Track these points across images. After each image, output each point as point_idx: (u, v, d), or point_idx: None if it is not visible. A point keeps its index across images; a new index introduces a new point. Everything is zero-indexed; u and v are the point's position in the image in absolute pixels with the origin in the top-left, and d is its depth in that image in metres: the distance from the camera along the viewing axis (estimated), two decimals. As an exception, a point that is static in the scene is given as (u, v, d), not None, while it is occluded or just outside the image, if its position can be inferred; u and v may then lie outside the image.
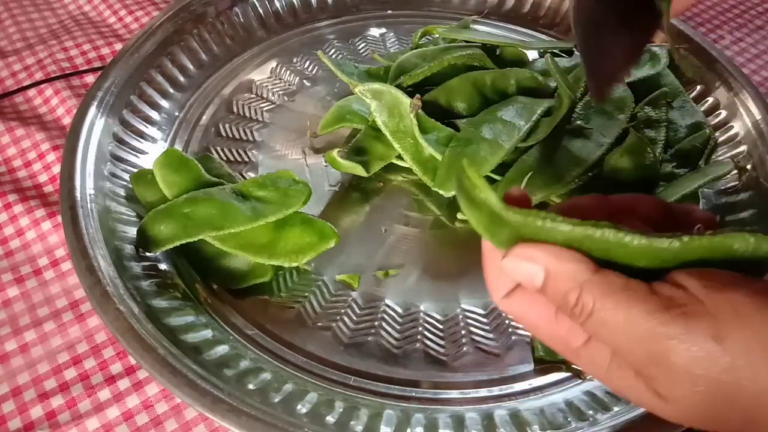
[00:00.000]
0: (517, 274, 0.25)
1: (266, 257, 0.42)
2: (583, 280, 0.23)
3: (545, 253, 0.24)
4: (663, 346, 0.22)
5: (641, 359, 0.23)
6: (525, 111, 0.48)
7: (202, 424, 0.40)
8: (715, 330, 0.22)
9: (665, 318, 0.22)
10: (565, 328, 0.25)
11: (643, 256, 0.23)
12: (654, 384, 0.23)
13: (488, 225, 0.25)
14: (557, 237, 0.24)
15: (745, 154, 0.50)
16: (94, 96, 0.49)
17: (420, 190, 0.50)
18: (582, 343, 0.25)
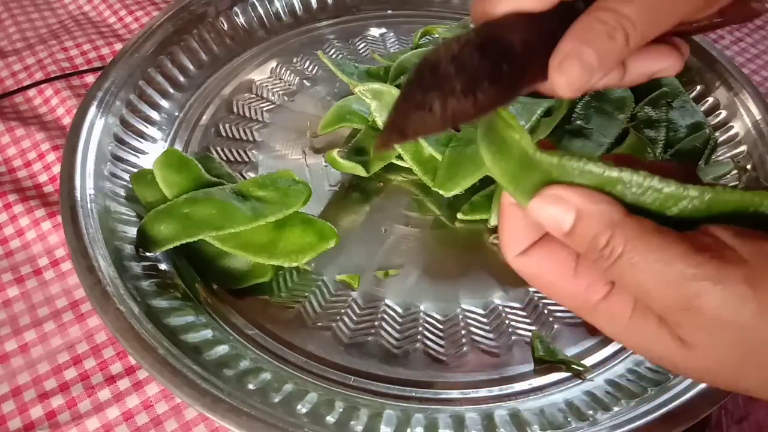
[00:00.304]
0: (544, 218, 0.24)
1: (266, 257, 0.42)
2: (616, 221, 0.23)
3: (577, 193, 0.23)
4: (694, 288, 0.22)
5: (669, 303, 0.22)
6: (525, 111, 0.48)
7: (202, 424, 0.40)
8: (749, 275, 0.22)
9: (698, 260, 0.22)
10: (585, 283, 0.25)
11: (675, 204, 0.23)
12: (679, 330, 0.23)
13: (515, 173, 0.24)
14: (590, 180, 0.23)
15: (745, 154, 0.50)
16: (94, 96, 0.49)
17: (420, 190, 0.50)
18: (602, 296, 0.25)
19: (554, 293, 0.26)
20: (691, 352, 0.23)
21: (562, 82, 0.24)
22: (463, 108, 0.23)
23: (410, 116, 0.22)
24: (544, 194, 0.24)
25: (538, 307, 0.43)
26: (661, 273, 0.22)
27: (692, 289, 0.22)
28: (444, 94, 0.23)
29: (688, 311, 0.22)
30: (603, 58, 0.24)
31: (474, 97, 0.23)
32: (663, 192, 0.23)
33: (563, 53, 0.24)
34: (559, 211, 0.24)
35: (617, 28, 0.24)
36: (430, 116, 0.22)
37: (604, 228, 0.23)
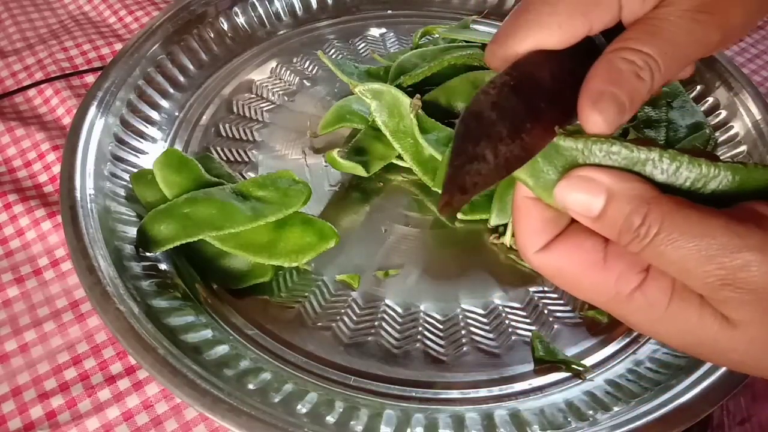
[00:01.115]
0: (573, 203, 0.23)
1: (266, 257, 0.42)
2: (650, 198, 0.22)
3: (607, 173, 0.23)
4: (741, 259, 0.21)
5: (712, 280, 0.21)
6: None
7: (202, 424, 0.40)
8: None
9: (743, 230, 0.21)
10: (617, 272, 0.24)
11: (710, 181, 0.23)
12: (724, 308, 0.22)
13: (534, 164, 0.24)
14: (618, 162, 0.23)
15: (745, 154, 0.50)
16: (94, 96, 0.49)
17: (420, 190, 0.50)
18: (637, 284, 0.23)
19: (582, 288, 0.25)
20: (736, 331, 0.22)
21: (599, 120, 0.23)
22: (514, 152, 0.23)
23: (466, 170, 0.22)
24: (572, 177, 0.23)
25: (538, 307, 0.43)
26: (704, 247, 0.21)
27: (738, 261, 0.21)
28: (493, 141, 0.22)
29: (735, 286, 0.21)
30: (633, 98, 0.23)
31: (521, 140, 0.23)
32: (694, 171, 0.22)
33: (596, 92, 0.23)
34: (588, 195, 0.23)
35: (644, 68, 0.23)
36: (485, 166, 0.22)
37: (638, 206, 0.22)
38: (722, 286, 0.21)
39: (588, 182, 0.23)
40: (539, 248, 0.25)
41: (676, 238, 0.21)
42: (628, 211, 0.22)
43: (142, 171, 0.47)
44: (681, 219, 0.22)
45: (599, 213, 0.23)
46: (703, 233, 0.21)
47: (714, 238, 0.21)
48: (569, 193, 0.23)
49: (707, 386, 0.36)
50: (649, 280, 0.23)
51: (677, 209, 0.22)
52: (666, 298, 0.23)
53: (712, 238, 0.21)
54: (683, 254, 0.21)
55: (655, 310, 0.24)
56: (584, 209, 0.23)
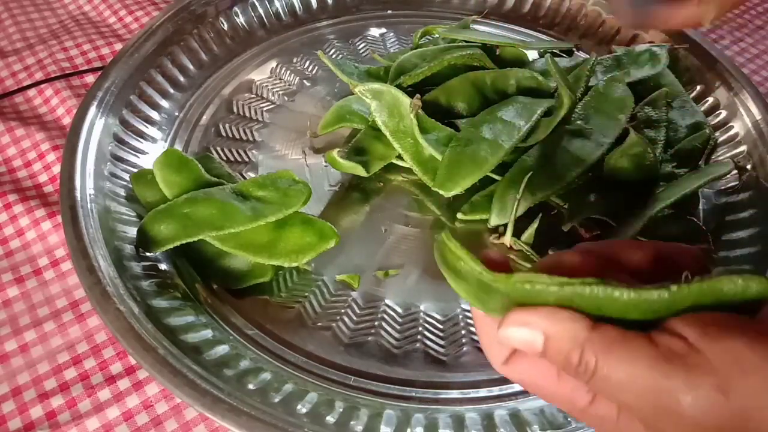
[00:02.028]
0: (516, 343, 0.24)
1: (266, 257, 0.42)
2: (583, 338, 0.23)
3: (540, 316, 0.24)
4: (668, 398, 0.22)
5: (648, 413, 0.23)
6: (525, 111, 0.48)
7: (202, 424, 0.40)
8: (719, 381, 0.22)
9: (667, 370, 0.22)
10: (569, 387, 0.25)
11: (635, 309, 0.23)
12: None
13: (478, 294, 0.25)
14: (549, 298, 0.24)
15: (745, 154, 0.50)
16: (94, 96, 0.49)
17: (420, 190, 0.50)
18: (588, 401, 0.25)
19: (544, 396, 0.27)
20: None
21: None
22: None
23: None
24: (510, 320, 0.24)
25: (538, 307, 0.43)
26: (634, 385, 0.22)
27: (667, 399, 0.22)
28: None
29: (668, 420, 0.22)
30: None
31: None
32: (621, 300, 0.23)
33: None
34: (529, 334, 0.24)
35: None
36: None
37: (574, 346, 0.23)
38: (658, 419, 0.23)
39: (525, 324, 0.24)
40: (503, 360, 0.26)
41: (611, 377, 0.23)
42: (566, 351, 0.23)
43: (142, 171, 0.47)
44: (612, 360, 0.23)
45: (542, 351, 0.24)
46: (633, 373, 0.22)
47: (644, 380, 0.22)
48: (511, 335, 0.24)
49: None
50: (598, 399, 0.25)
51: (608, 348, 0.23)
52: (614, 415, 0.25)
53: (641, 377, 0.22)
54: (618, 390, 0.23)
55: (606, 426, 0.25)
56: (528, 348, 0.24)
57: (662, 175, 0.48)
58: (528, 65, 0.55)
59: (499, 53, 0.56)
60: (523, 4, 0.65)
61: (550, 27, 0.64)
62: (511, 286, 0.24)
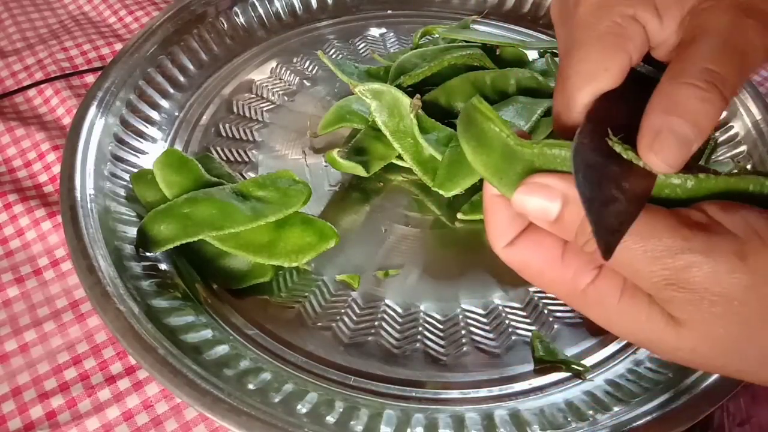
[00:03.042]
0: (530, 208, 0.24)
1: (266, 257, 0.42)
2: None
3: (563, 179, 0.23)
4: (684, 261, 0.21)
5: (658, 279, 0.22)
6: (525, 111, 0.48)
7: (202, 424, 0.40)
8: (739, 248, 0.21)
9: (687, 233, 0.22)
10: (573, 268, 0.25)
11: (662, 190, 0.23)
12: (669, 307, 0.23)
13: (498, 165, 0.24)
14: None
15: (745, 154, 0.50)
16: (94, 96, 0.49)
17: (420, 190, 0.50)
18: (590, 280, 0.24)
19: (543, 281, 0.26)
20: (682, 329, 0.23)
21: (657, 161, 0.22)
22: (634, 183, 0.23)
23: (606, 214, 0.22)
24: (529, 183, 0.24)
25: (538, 307, 0.43)
26: (650, 248, 0.22)
27: (681, 262, 0.21)
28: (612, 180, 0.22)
29: (678, 286, 0.22)
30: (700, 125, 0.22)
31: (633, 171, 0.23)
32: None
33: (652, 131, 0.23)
34: (545, 200, 0.23)
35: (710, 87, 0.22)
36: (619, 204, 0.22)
37: None
38: (667, 286, 0.22)
39: (544, 188, 0.23)
40: (506, 243, 0.26)
41: (625, 239, 0.22)
42: (583, 214, 0.23)
43: (142, 171, 0.47)
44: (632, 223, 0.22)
45: (556, 217, 0.24)
46: (650, 235, 0.22)
47: (660, 240, 0.22)
48: (527, 199, 0.24)
49: (707, 386, 0.36)
50: (602, 277, 0.24)
51: None
52: (617, 295, 0.24)
53: (658, 239, 0.22)
54: (631, 255, 0.22)
55: (607, 306, 0.24)
56: (542, 214, 0.24)
57: (662, 175, 0.48)
58: (528, 65, 0.55)
59: (499, 53, 0.56)
60: (523, 4, 0.65)
61: (550, 27, 0.63)
62: (538, 150, 0.23)
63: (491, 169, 0.25)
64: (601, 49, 0.25)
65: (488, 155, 0.25)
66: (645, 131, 0.23)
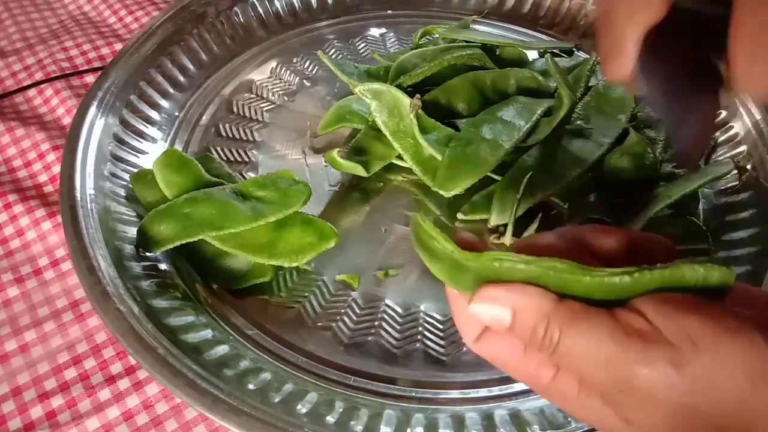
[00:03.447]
0: (485, 318, 0.25)
1: (266, 257, 0.42)
2: (548, 311, 0.24)
3: (509, 291, 0.25)
4: (625, 370, 0.23)
5: (606, 385, 0.23)
6: (525, 111, 0.48)
7: (202, 424, 0.40)
8: (673, 356, 0.22)
9: (625, 343, 0.23)
10: (534, 364, 0.26)
11: (598, 290, 0.24)
12: (620, 410, 0.24)
13: (450, 273, 0.26)
14: (517, 275, 0.25)
15: (745, 154, 0.50)
16: (94, 96, 0.49)
17: (420, 190, 0.50)
18: (551, 377, 0.26)
19: (511, 372, 0.27)
20: (635, 429, 0.24)
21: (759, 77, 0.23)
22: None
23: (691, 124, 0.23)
24: (480, 296, 0.25)
25: (538, 307, 0.43)
26: (594, 357, 0.23)
27: (624, 371, 0.23)
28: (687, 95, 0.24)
29: (625, 392, 0.23)
30: None
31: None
32: (584, 282, 0.24)
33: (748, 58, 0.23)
34: (497, 310, 0.25)
35: None
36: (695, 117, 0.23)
37: (540, 319, 0.24)
38: (616, 391, 0.23)
39: (494, 300, 0.25)
40: (474, 338, 0.27)
41: (572, 346, 0.24)
42: (533, 324, 0.24)
43: (142, 171, 0.47)
44: (574, 330, 0.24)
45: (510, 326, 0.25)
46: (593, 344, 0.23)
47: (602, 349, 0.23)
48: (481, 310, 0.25)
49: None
50: (560, 374, 0.26)
51: (571, 320, 0.24)
52: (575, 391, 0.25)
53: (600, 348, 0.23)
54: (579, 361, 0.24)
55: (568, 400, 0.26)
56: (497, 323, 0.25)
57: (662, 175, 0.48)
58: (528, 65, 0.55)
59: (499, 53, 0.56)
60: (523, 4, 0.65)
61: (550, 27, 0.64)
62: (481, 264, 0.25)
63: (446, 276, 0.26)
64: None
65: (441, 265, 0.26)
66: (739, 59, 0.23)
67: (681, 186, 0.46)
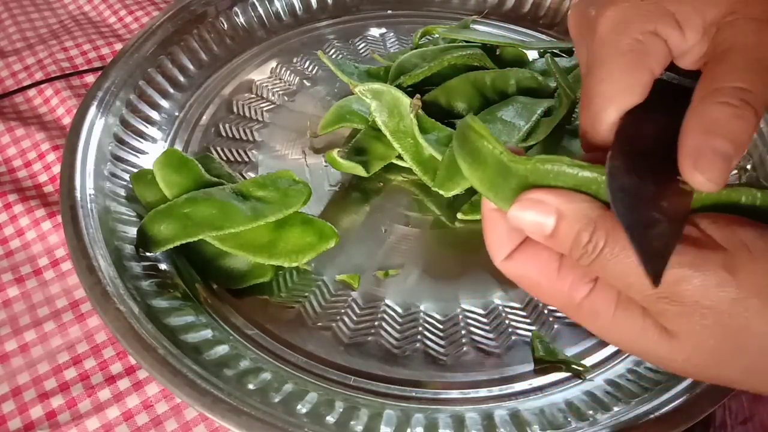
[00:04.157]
0: (526, 223, 0.24)
1: (266, 257, 0.42)
2: (595, 217, 0.23)
3: (556, 194, 0.24)
4: (675, 275, 0.22)
5: (651, 292, 0.23)
6: (525, 111, 0.48)
7: (202, 424, 0.40)
8: (728, 261, 0.22)
9: (678, 246, 0.22)
10: (569, 281, 0.25)
11: None
12: (662, 319, 0.23)
13: (493, 180, 0.25)
14: (566, 182, 0.24)
15: (745, 154, 0.50)
16: (94, 96, 0.49)
17: (420, 190, 0.50)
18: (586, 293, 0.25)
19: (541, 293, 0.27)
20: (674, 341, 0.23)
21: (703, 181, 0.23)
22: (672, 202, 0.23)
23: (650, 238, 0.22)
24: (523, 199, 0.24)
25: (538, 306, 0.43)
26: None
27: (672, 275, 0.22)
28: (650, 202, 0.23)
29: (669, 299, 0.22)
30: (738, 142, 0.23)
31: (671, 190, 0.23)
32: None
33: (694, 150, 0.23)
34: (540, 215, 0.24)
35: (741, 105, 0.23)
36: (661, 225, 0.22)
37: (585, 224, 0.23)
38: (659, 299, 0.23)
39: (538, 204, 0.24)
40: (505, 256, 0.27)
41: (618, 252, 0.23)
42: (577, 229, 0.23)
43: (142, 171, 0.47)
44: (623, 235, 0.23)
45: (551, 232, 0.24)
46: None
47: None
48: (522, 215, 0.25)
49: (707, 386, 0.36)
50: (597, 290, 0.25)
51: (620, 226, 0.23)
52: (611, 308, 0.25)
53: None
54: (624, 269, 0.23)
55: (602, 318, 0.25)
56: (537, 229, 0.24)
57: (662, 175, 0.48)
58: (528, 65, 0.55)
59: (499, 53, 0.56)
60: (523, 4, 0.65)
61: (550, 27, 0.64)
62: (531, 166, 0.24)
63: (487, 184, 0.25)
64: (624, 68, 0.25)
65: (483, 171, 0.25)
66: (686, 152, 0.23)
67: (681, 186, 0.46)
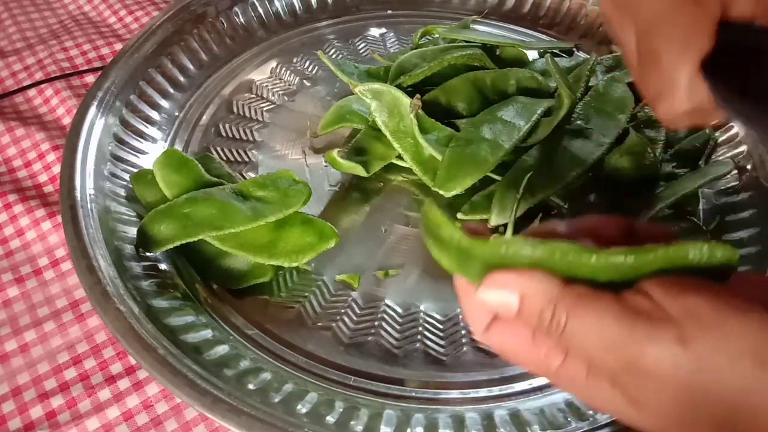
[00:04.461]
0: (494, 303, 0.25)
1: (266, 257, 0.42)
2: (555, 294, 0.24)
3: (515, 276, 0.25)
4: (632, 351, 0.23)
5: (614, 367, 0.24)
6: (525, 111, 0.48)
7: (202, 424, 0.40)
8: (679, 334, 0.22)
9: (631, 323, 0.23)
10: (544, 350, 0.26)
11: (603, 271, 0.24)
12: (628, 391, 0.24)
13: (458, 261, 0.26)
14: (523, 260, 0.25)
15: (745, 154, 0.50)
16: (94, 96, 0.49)
17: (420, 190, 0.50)
18: (560, 362, 0.26)
19: (520, 362, 0.27)
20: (642, 410, 0.24)
21: None
22: None
23: None
24: (487, 282, 0.25)
25: (538, 307, 0.43)
26: (601, 339, 0.23)
27: (631, 351, 0.23)
28: None
29: (632, 373, 0.23)
30: None
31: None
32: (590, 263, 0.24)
33: None
34: (505, 296, 0.25)
35: None
36: None
37: (547, 303, 0.24)
38: (623, 372, 0.23)
39: (502, 285, 0.25)
40: (483, 328, 0.27)
41: (578, 329, 0.24)
42: (540, 309, 0.24)
43: (142, 171, 0.47)
44: (581, 312, 0.24)
45: (517, 312, 0.25)
46: (600, 326, 0.23)
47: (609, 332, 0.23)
48: (488, 297, 0.26)
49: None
50: (569, 359, 0.26)
51: (578, 303, 0.24)
52: (583, 375, 0.25)
53: (606, 329, 0.23)
54: (586, 344, 0.24)
55: (576, 385, 0.26)
56: (504, 309, 0.25)
57: (662, 175, 0.48)
58: (528, 65, 0.55)
59: (499, 53, 0.56)
60: (523, 4, 0.65)
61: (550, 27, 0.64)
62: (487, 250, 0.25)
63: (454, 264, 0.26)
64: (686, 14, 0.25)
65: (449, 254, 0.26)
66: None
67: (681, 186, 0.46)
